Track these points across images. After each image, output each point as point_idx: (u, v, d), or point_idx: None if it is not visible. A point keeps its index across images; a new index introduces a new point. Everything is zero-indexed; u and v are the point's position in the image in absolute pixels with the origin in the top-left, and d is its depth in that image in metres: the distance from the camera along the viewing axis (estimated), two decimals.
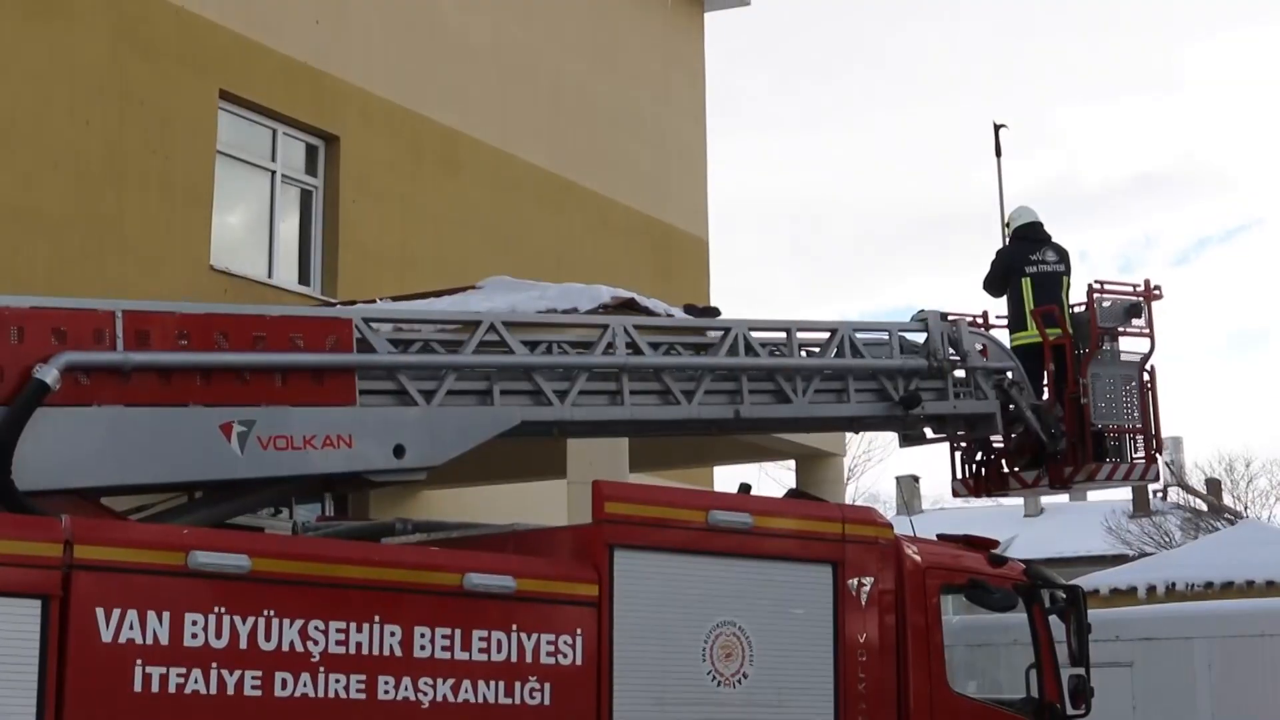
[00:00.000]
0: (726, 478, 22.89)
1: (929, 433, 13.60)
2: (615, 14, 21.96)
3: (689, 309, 13.27)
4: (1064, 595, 11.91)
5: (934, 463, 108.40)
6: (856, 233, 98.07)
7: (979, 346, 13.37)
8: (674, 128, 23.11)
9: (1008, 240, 14.73)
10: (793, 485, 16.44)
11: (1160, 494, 56.64)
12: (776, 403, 12.02)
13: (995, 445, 13.93)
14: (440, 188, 18.74)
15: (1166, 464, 56.70)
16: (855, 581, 10.65)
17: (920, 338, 12.89)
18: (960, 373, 13.11)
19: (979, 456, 14.08)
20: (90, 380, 8.95)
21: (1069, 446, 13.57)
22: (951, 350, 12.96)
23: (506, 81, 20.00)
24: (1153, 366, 14.10)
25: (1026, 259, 14.32)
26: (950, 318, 13.21)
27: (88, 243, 14.71)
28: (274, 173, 17.02)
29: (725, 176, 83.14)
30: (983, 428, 13.53)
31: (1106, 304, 13.97)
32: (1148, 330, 14.07)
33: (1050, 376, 13.85)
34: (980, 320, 14.24)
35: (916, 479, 65.61)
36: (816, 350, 12.32)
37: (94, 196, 14.87)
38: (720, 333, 11.82)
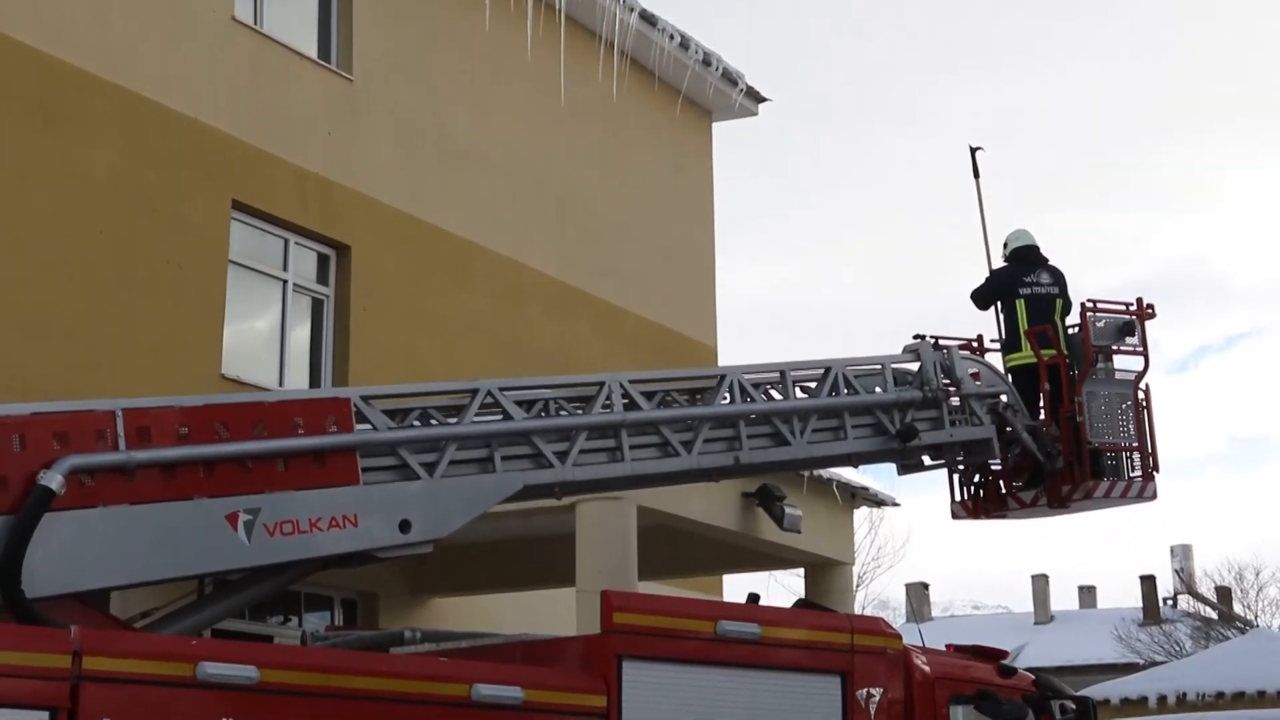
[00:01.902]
0: (736, 586, 22.84)
1: (927, 460, 13.63)
2: (625, 125, 22.14)
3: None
4: (1074, 706, 11.86)
5: (944, 570, 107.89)
6: (863, 337, 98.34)
7: (972, 371, 13.41)
8: (682, 236, 23.24)
9: (1004, 261, 14.84)
10: (802, 594, 16.39)
11: (1170, 602, 56.38)
12: (775, 445, 12.06)
13: (993, 466, 13.94)
14: (450, 296, 18.84)
15: (1176, 571, 56.71)
16: (864, 692, 10.60)
17: (914, 368, 12.94)
18: (955, 400, 13.14)
19: (977, 478, 14.09)
20: (95, 481, 8.97)
21: (1066, 465, 13.59)
22: (945, 378, 13.00)
23: (516, 191, 20.15)
24: (1147, 385, 14.16)
25: (1021, 281, 14.44)
26: (942, 345, 13.29)
27: (100, 352, 14.76)
28: (285, 281, 17.12)
29: (733, 281, 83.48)
30: (979, 452, 13.58)
31: (1100, 323, 14.04)
32: (1141, 348, 14.13)
33: (1046, 396, 13.89)
34: (975, 344, 14.31)
35: (926, 586, 65.24)
36: (813, 388, 12.35)
37: (106, 305, 14.94)
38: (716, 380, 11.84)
